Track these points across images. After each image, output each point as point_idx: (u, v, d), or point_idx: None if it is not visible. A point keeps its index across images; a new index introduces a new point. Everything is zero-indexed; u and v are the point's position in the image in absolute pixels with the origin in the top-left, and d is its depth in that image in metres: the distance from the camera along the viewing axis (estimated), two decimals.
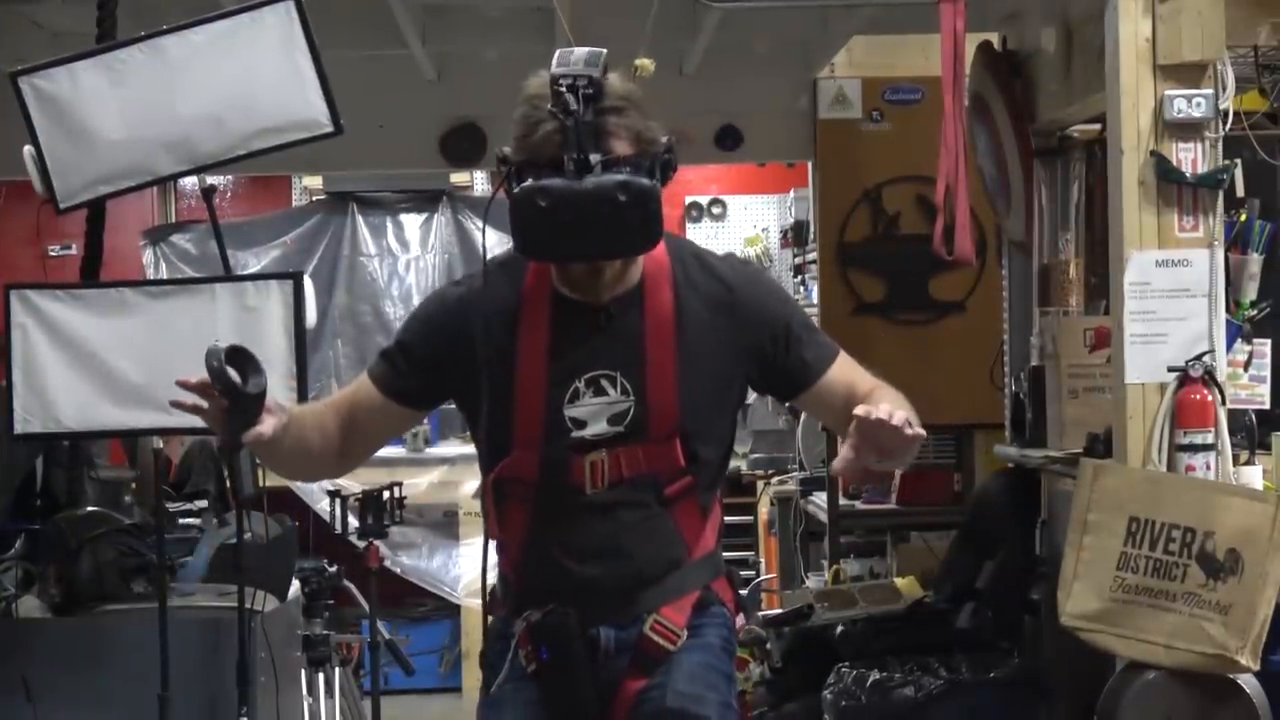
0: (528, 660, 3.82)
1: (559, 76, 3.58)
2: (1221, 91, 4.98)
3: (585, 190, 3.56)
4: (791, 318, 3.88)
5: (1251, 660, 4.80)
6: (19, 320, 4.74)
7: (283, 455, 3.85)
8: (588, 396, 3.75)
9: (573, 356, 3.74)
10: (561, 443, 3.73)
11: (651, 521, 3.79)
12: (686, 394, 3.76)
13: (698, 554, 3.85)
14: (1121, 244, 4.98)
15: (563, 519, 3.78)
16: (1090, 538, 4.90)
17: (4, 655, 5.14)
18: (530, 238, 3.63)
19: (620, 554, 3.78)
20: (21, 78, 4.66)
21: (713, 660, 3.88)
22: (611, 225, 3.60)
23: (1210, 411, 4.89)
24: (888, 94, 7.27)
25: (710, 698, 3.83)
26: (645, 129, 3.68)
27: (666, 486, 3.78)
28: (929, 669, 5.97)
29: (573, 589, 3.78)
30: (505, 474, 3.80)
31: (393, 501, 6.42)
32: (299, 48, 4.65)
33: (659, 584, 3.82)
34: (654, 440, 3.75)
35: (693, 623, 3.85)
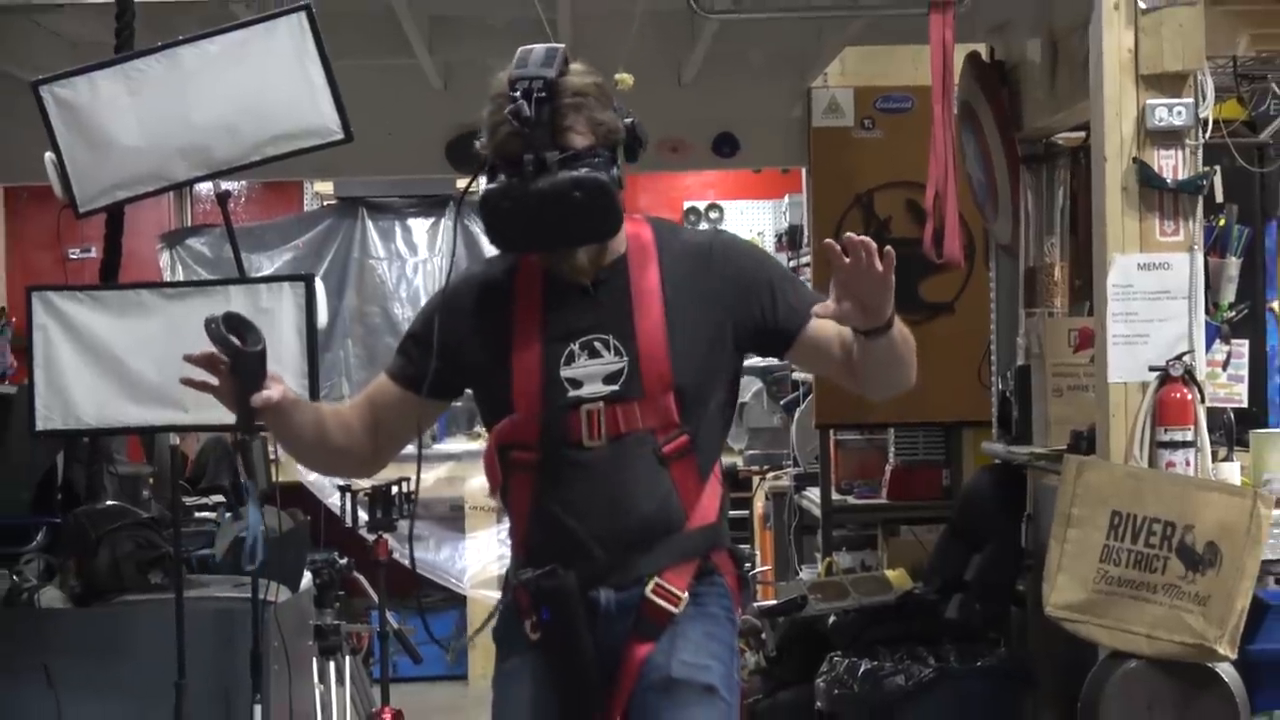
0: (531, 627, 3.83)
1: (515, 79, 3.67)
2: (1201, 100, 4.98)
3: (542, 190, 3.66)
4: (771, 272, 3.94)
5: (1230, 650, 4.80)
6: (40, 321, 4.75)
7: (299, 436, 3.91)
8: (582, 358, 3.80)
9: (566, 323, 3.81)
10: (560, 402, 3.78)
11: (650, 479, 3.81)
12: (677, 351, 3.80)
13: (696, 520, 3.86)
14: (1105, 248, 4.99)
15: (564, 477, 3.80)
16: (1074, 531, 4.91)
17: (26, 644, 5.15)
18: (499, 234, 3.76)
19: (619, 510, 3.79)
20: (43, 86, 4.67)
21: (716, 630, 3.90)
22: (571, 218, 3.70)
23: (1190, 410, 4.90)
24: (879, 103, 7.28)
25: (715, 668, 3.86)
26: (601, 117, 3.74)
27: (663, 445, 3.81)
28: (918, 658, 5.97)
29: (573, 548, 3.80)
30: (508, 436, 3.83)
31: (401, 496, 6.42)
32: (310, 58, 4.65)
33: (658, 545, 3.83)
34: (649, 396, 3.78)
35: (694, 590, 3.86)
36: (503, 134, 3.68)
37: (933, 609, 6.27)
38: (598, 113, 3.74)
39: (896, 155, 7.07)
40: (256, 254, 10.75)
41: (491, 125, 3.72)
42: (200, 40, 4.69)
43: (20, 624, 5.21)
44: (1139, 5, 4.92)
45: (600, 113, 3.74)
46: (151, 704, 4.94)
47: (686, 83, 6.80)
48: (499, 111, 3.70)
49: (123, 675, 5.12)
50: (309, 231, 11.46)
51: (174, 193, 9.26)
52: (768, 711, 6.77)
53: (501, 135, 3.68)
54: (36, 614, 5.22)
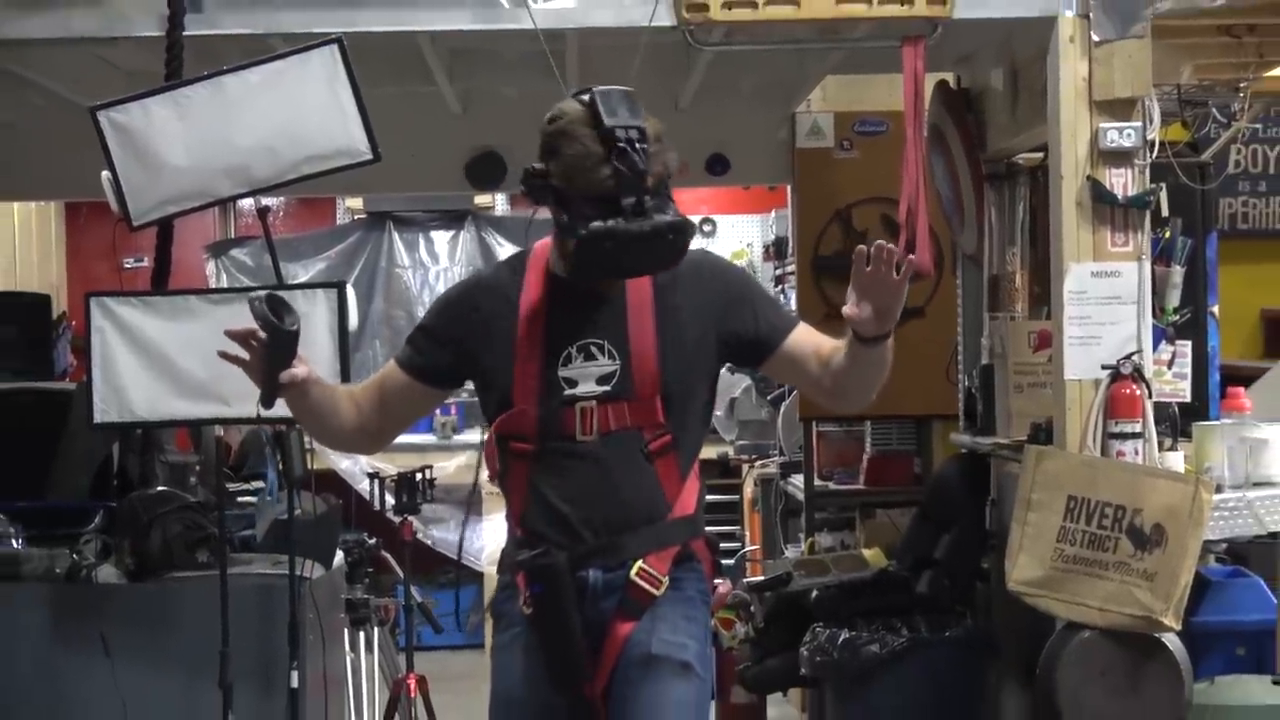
0: (525, 604, 3.83)
1: (616, 127, 3.62)
2: (1149, 124, 4.98)
3: (645, 232, 3.65)
4: (754, 292, 3.98)
5: (1174, 621, 4.81)
6: (98, 324, 4.75)
7: (316, 414, 3.93)
8: (578, 360, 3.80)
9: (566, 327, 3.81)
10: (555, 400, 3.79)
11: (636, 472, 3.82)
12: (666, 358, 3.81)
13: (677, 512, 3.87)
14: (1061, 257, 4.99)
15: (557, 467, 3.81)
16: (1034, 514, 4.91)
17: (85, 616, 5.15)
18: (591, 267, 3.71)
19: (608, 498, 3.81)
20: (100, 112, 4.67)
21: (693, 613, 3.92)
22: (658, 255, 3.69)
23: (1138, 404, 4.90)
24: (857, 126, 7.27)
25: (691, 646, 3.88)
26: (667, 160, 3.74)
27: (649, 442, 3.81)
28: (893, 629, 5.96)
29: (565, 531, 3.81)
30: (506, 428, 3.85)
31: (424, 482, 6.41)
32: (342, 85, 4.65)
33: (642, 531, 3.84)
34: (638, 399, 3.79)
35: (673, 574, 3.88)
36: (599, 175, 3.63)
37: (905, 584, 6.26)
38: (665, 155, 3.74)
39: (872, 174, 7.06)
40: (293, 263, 10.76)
41: (580, 161, 3.66)
42: (242, 70, 4.69)
43: (80, 598, 5.21)
44: (1092, 38, 4.92)
45: (666, 155, 3.74)
46: (198, 670, 4.94)
47: (683, 108, 6.79)
48: (587, 147, 3.65)
49: (172, 644, 5.12)
50: (341, 243, 11.47)
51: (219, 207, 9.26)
52: (756, 677, 6.77)
53: (597, 176, 3.64)
54: (94, 589, 5.22)
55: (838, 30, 5.02)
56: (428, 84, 6.39)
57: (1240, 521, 5.21)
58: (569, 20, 4.93)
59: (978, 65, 6.09)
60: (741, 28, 4.91)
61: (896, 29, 4.95)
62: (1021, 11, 4.96)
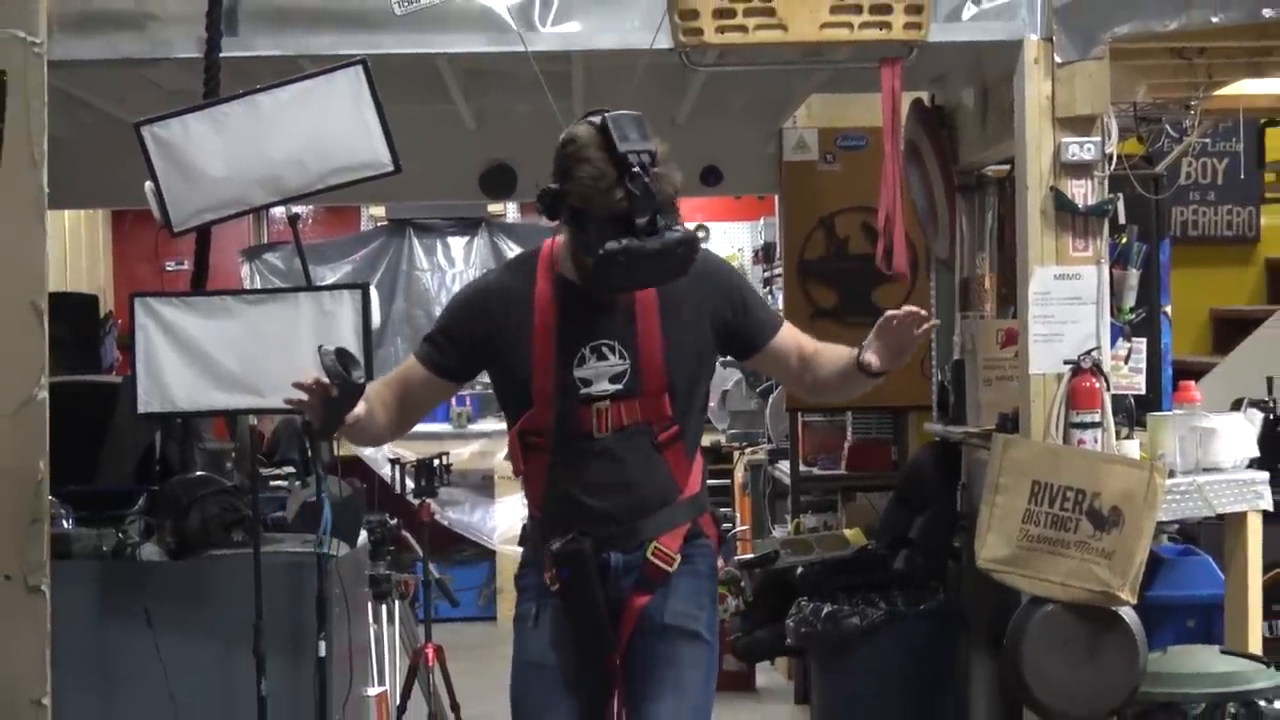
0: (551, 581, 3.84)
1: (629, 151, 3.61)
2: (1107, 139, 4.98)
3: (657, 250, 3.64)
4: (745, 293, 3.99)
5: (1130, 595, 4.81)
6: (141, 322, 4.74)
7: (359, 430, 3.93)
8: (592, 361, 3.80)
9: (578, 329, 3.80)
10: (571, 398, 3.79)
11: (649, 462, 3.83)
12: (670, 356, 3.82)
13: (686, 493, 3.89)
14: (1026, 261, 4.99)
15: (575, 461, 3.82)
16: (1001, 497, 4.91)
17: (129, 591, 5.15)
18: (609, 281, 3.71)
19: (625, 488, 3.82)
20: (144, 127, 4.66)
21: (702, 585, 3.94)
22: (668, 269, 3.69)
23: (1097, 396, 4.90)
24: (839, 141, 7.27)
25: (700, 616, 3.91)
26: (674, 179, 3.73)
27: (659, 434, 3.82)
28: (871, 603, 5.97)
29: (587, 520, 3.82)
30: (526, 425, 3.85)
31: (441, 467, 6.42)
32: (366, 103, 4.65)
33: (656, 515, 3.85)
34: (647, 395, 3.80)
35: (684, 551, 3.89)
36: (616, 197, 3.61)
37: (883, 562, 6.26)
38: (672, 175, 3.72)
39: (854, 184, 7.06)
40: (321, 266, 10.75)
41: (594, 182, 3.64)
42: (274, 89, 4.69)
43: (125, 574, 5.20)
44: (1055, 60, 4.92)
45: (673, 174, 3.73)
46: (233, 641, 4.93)
47: (679, 124, 6.78)
48: (600, 169, 3.63)
49: (209, 617, 5.12)
50: (365, 248, 11.47)
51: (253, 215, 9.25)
52: (746, 646, 6.78)
53: (615, 198, 3.62)
54: (138, 566, 5.22)
55: (821, 52, 5.02)
56: (445, 102, 6.39)
57: (1191, 504, 5.21)
58: (574, 44, 4.92)
59: (950, 85, 6.09)
60: (733, 50, 4.91)
61: (876, 51, 4.95)
62: (990, 35, 4.96)
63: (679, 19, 4.81)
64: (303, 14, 4.86)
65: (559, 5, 4.86)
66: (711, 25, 4.81)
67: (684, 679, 3.84)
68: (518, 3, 4.86)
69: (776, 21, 4.81)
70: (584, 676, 3.88)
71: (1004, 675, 5.06)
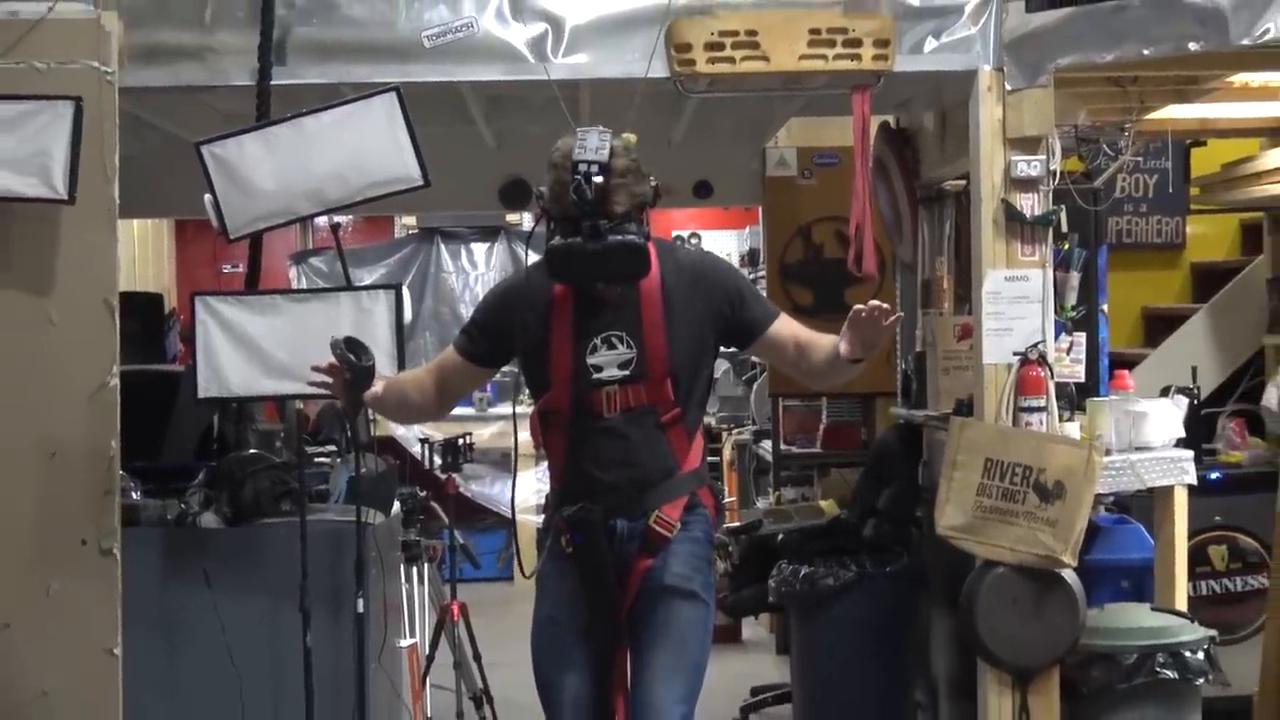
0: (566, 544, 3.85)
1: (578, 162, 3.63)
2: (1051, 157, 4.98)
3: (598, 251, 3.65)
4: (743, 289, 3.98)
5: (1072, 559, 4.81)
6: (201, 317, 4.74)
7: (390, 408, 4.03)
8: (603, 350, 3.81)
9: (591, 322, 3.82)
10: (585, 383, 3.80)
11: (652, 440, 3.84)
12: (673, 345, 3.82)
13: (686, 468, 3.90)
14: (980, 265, 4.98)
15: (589, 439, 3.83)
16: (958, 473, 4.91)
17: (190, 555, 5.14)
18: (559, 275, 3.76)
19: (631, 463, 3.83)
20: (203, 146, 4.66)
21: (699, 550, 3.94)
22: (613, 268, 3.69)
23: (1043, 384, 4.90)
24: (816, 159, 7.27)
25: (696, 578, 3.91)
26: (636, 190, 3.73)
27: (662, 415, 3.83)
28: (844, 565, 5.96)
29: (598, 490, 3.83)
30: (547, 406, 3.87)
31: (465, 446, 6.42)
32: (399, 125, 4.65)
33: (658, 487, 3.85)
34: (652, 380, 3.80)
35: (684, 519, 3.90)
36: (566, 201, 3.66)
37: (854, 530, 6.26)
38: (634, 187, 3.72)
39: (828, 197, 7.05)
40: (359, 269, 10.73)
41: (555, 191, 3.70)
42: (318, 112, 4.68)
43: (186, 540, 5.20)
44: (1006, 87, 4.91)
45: (636, 186, 3.73)
46: (282, 599, 4.94)
47: (674, 143, 6.78)
48: (561, 180, 3.68)
49: (261, 577, 5.12)
50: (398, 253, 11.46)
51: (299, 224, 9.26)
52: (733, 604, 6.79)
53: (565, 201, 3.67)
54: (198, 532, 5.21)
55: (800, 81, 5.01)
56: (468, 124, 6.38)
57: (1125, 478, 5.21)
58: (582, 73, 4.92)
59: (913, 109, 6.08)
60: (722, 79, 4.90)
61: (848, 80, 4.94)
62: (949, 66, 4.95)
63: (674, 51, 4.81)
64: (344, 47, 4.85)
65: (569, 39, 4.86)
66: (703, 57, 4.81)
67: (682, 634, 3.85)
68: (533, 37, 4.85)
69: (760, 54, 4.81)
70: (595, 630, 3.89)
71: (960, 629, 5.06)
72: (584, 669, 3.88)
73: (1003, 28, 4.89)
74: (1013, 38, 4.89)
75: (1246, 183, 7.20)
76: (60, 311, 4.65)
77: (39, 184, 4.52)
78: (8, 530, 4.62)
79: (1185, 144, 7.84)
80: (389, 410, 4.09)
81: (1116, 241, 8.16)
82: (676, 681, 3.80)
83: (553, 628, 3.93)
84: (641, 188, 3.75)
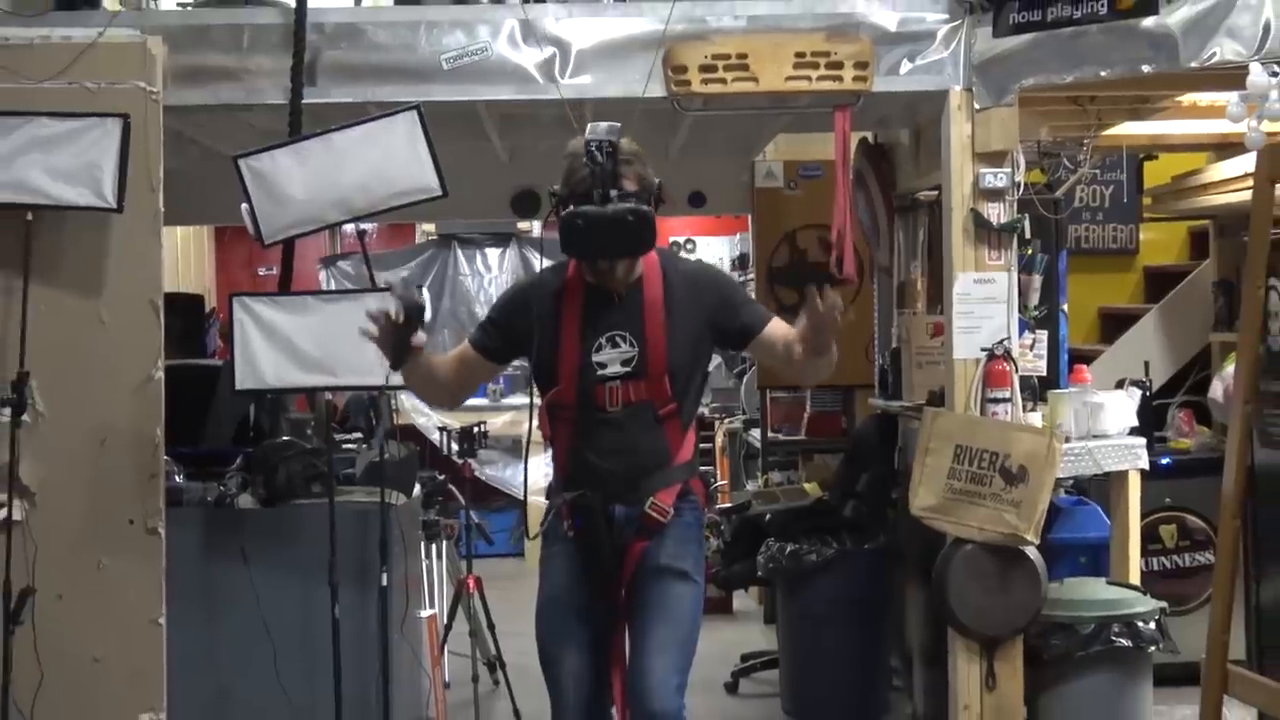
0: (568, 528, 3.85)
1: (590, 140, 3.66)
2: (1016, 170, 4.98)
3: (607, 213, 3.66)
4: (735, 294, 3.97)
5: (1034, 537, 4.81)
6: (239, 316, 4.74)
7: (420, 376, 3.94)
8: (607, 348, 3.80)
9: (597, 322, 3.81)
10: (590, 378, 3.79)
11: (650, 433, 3.82)
12: (671, 346, 3.81)
13: (679, 460, 3.88)
14: (951, 268, 4.98)
15: (591, 430, 3.82)
16: (930, 458, 4.91)
17: (229, 533, 5.14)
18: (572, 243, 3.75)
19: (629, 453, 3.81)
20: (241, 159, 4.66)
21: (690, 534, 3.93)
22: (623, 236, 3.69)
23: (1008, 377, 4.90)
24: (800, 171, 7.25)
25: (688, 558, 3.91)
26: (644, 174, 3.76)
27: (660, 409, 3.82)
28: (825, 543, 5.97)
29: (598, 478, 3.81)
30: (554, 399, 3.86)
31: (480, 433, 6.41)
32: (420, 141, 4.64)
33: (654, 476, 3.84)
34: (651, 377, 3.79)
35: (676, 506, 3.89)
36: (579, 176, 3.68)
37: (835, 510, 6.26)
38: (640, 169, 3.73)
39: (812, 206, 7.03)
40: (383, 272, 10.71)
41: (569, 171, 3.73)
42: (345, 129, 4.68)
43: (225, 519, 5.20)
44: (974, 106, 4.91)
45: (642, 169, 3.75)
46: (313, 574, 4.93)
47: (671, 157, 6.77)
48: (576, 161, 3.70)
49: (293, 554, 5.12)
50: (418, 257, 11.44)
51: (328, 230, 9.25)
52: (725, 578, 6.78)
53: (578, 177, 3.69)
54: (236, 512, 5.22)
55: (786, 100, 5.01)
56: (483, 139, 6.37)
57: (1083, 463, 5.22)
58: (587, 92, 4.91)
59: (890, 126, 6.07)
60: (715, 98, 4.90)
61: (830, 99, 4.94)
62: (922, 86, 4.95)
63: (671, 73, 4.81)
64: (369, 69, 4.85)
65: (575, 62, 4.86)
66: (698, 78, 4.81)
67: (675, 610, 3.84)
68: (542, 60, 4.85)
69: (750, 75, 4.80)
70: (595, 607, 3.88)
71: (932, 601, 5.06)
72: (584, 645, 3.87)
73: (972, 51, 4.89)
74: (981, 60, 4.89)
75: (1195, 193, 7.21)
76: (110, 311, 4.65)
77: (90, 194, 4.52)
78: (63, 510, 4.62)
79: (1139, 158, 7.84)
80: (418, 378, 4.00)
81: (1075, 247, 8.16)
82: (670, 654, 3.80)
83: (555, 607, 3.92)
84: (647, 173, 3.77)
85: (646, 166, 3.79)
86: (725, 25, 4.88)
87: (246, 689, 5.12)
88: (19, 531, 4.55)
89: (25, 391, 4.51)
